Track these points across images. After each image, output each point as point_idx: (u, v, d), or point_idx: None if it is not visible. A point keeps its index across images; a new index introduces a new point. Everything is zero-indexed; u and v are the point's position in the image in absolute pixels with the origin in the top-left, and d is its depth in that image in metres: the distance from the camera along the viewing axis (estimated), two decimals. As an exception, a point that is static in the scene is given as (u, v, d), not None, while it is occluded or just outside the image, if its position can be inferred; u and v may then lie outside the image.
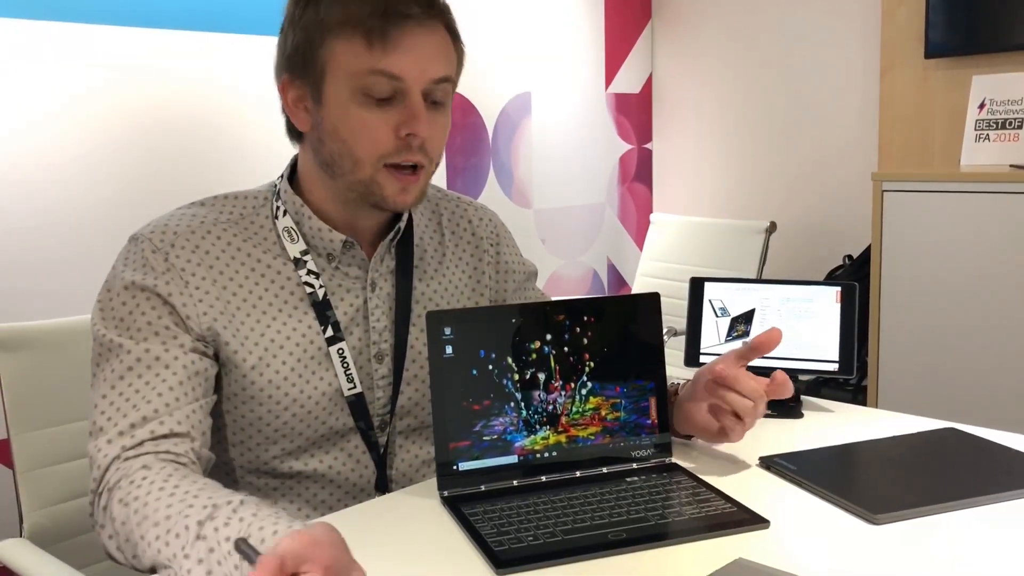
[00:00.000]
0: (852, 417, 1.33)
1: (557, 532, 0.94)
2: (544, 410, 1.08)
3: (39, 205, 2.13)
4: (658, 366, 1.14)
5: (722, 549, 0.90)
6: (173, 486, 0.90)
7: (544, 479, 1.07)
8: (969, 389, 2.52)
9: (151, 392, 1.00)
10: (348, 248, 1.14)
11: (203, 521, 0.83)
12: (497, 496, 1.03)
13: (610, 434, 1.11)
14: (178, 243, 1.08)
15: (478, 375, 1.06)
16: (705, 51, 3.65)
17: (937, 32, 2.95)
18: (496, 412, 1.06)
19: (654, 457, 1.12)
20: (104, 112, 2.22)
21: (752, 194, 3.56)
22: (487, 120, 3.18)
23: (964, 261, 2.51)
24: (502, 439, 1.07)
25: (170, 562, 0.83)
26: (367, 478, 1.16)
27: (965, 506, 0.99)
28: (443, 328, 1.05)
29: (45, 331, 1.38)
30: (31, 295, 2.10)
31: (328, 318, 1.12)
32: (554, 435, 1.09)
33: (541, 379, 1.08)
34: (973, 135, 2.79)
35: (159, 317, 1.03)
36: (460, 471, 1.05)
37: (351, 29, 1.04)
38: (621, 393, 1.11)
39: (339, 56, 1.05)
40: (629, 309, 1.13)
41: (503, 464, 1.07)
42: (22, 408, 1.34)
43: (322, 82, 1.06)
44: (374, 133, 1.06)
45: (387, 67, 1.04)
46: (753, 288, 1.38)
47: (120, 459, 0.96)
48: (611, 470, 1.10)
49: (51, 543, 1.32)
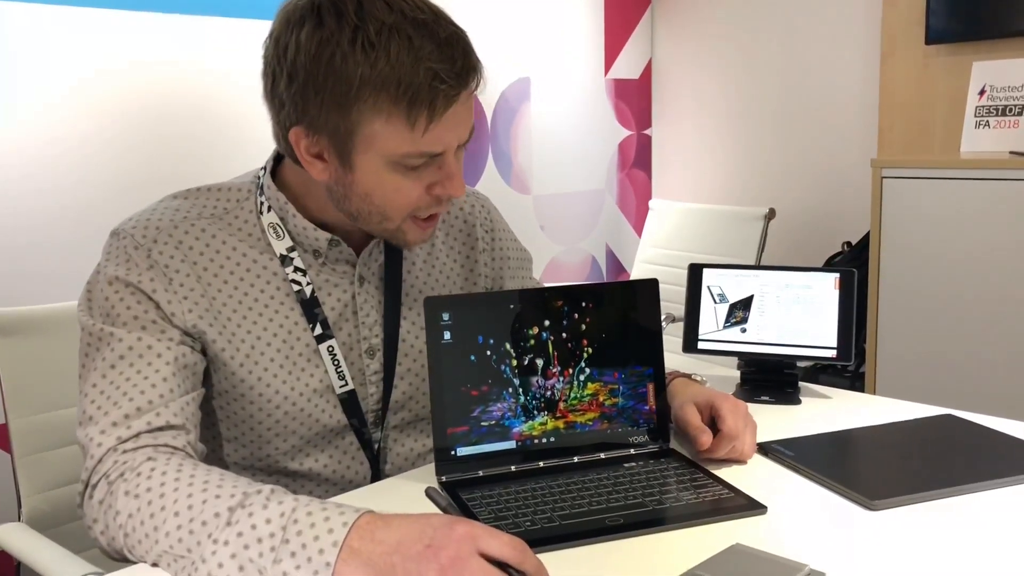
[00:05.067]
0: (850, 403, 1.33)
1: (555, 517, 0.94)
2: (542, 396, 1.08)
3: (38, 188, 2.12)
4: (656, 352, 1.13)
5: (719, 534, 0.90)
6: (190, 475, 0.88)
7: (542, 464, 1.07)
8: (967, 376, 2.52)
9: (144, 382, 0.97)
10: (334, 245, 1.11)
11: (234, 508, 0.82)
12: (495, 481, 1.03)
13: (608, 420, 1.11)
14: (160, 239, 1.05)
15: (476, 361, 1.06)
16: (705, 37, 3.63)
17: (937, 18, 2.94)
18: (494, 398, 1.06)
19: (652, 443, 1.12)
20: (104, 97, 2.21)
21: (751, 180, 3.56)
22: (485, 106, 3.17)
23: (963, 248, 2.51)
24: (500, 424, 1.07)
25: (190, 551, 0.82)
26: (363, 475, 1.16)
27: (962, 492, 0.99)
28: (441, 314, 1.05)
29: (43, 315, 1.38)
30: (29, 279, 2.10)
31: (316, 316, 1.10)
32: (552, 421, 1.09)
33: (539, 365, 1.08)
34: (973, 122, 2.78)
35: (145, 311, 1.01)
36: (458, 456, 1.05)
37: (390, 103, 0.96)
38: (619, 379, 1.11)
39: (375, 134, 0.98)
40: (628, 295, 1.13)
41: (501, 449, 1.07)
42: (20, 393, 1.34)
43: (351, 150, 1.00)
44: (410, 197, 1.03)
45: (430, 149, 1.00)
46: (752, 275, 1.38)
47: (116, 451, 0.93)
48: (609, 456, 1.10)
49: (49, 527, 1.33)
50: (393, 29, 0.95)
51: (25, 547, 1.23)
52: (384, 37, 0.94)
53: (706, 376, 1.27)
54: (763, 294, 1.36)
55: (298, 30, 0.98)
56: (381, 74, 0.95)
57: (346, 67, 0.95)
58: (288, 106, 1.01)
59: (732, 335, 1.36)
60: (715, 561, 0.83)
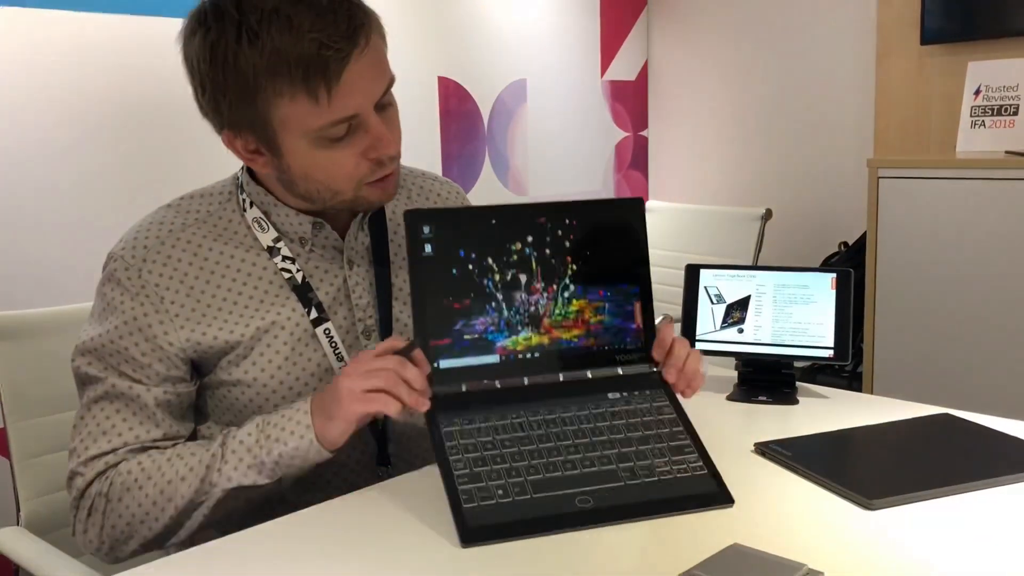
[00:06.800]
0: (847, 403, 1.33)
1: (528, 482, 0.95)
2: (526, 311, 1.06)
3: (34, 192, 2.12)
4: (643, 271, 1.12)
5: (717, 534, 0.90)
6: (177, 454, 1.04)
7: (527, 381, 1.06)
8: (964, 375, 2.53)
9: (123, 425, 1.07)
10: (319, 229, 1.13)
11: (215, 453, 1.01)
12: (476, 408, 1.02)
13: (594, 337, 1.09)
14: (149, 257, 1.08)
15: (458, 275, 1.04)
16: (701, 38, 3.64)
17: (933, 18, 2.95)
18: (477, 312, 1.05)
19: (640, 362, 1.11)
20: (104, 97, 2.21)
21: (748, 181, 3.56)
22: (482, 107, 3.17)
23: (959, 247, 2.51)
24: (483, 339, 1.05)
25: (196, 495, 1.01)
26: (369, 453, 1.16)
27: (960, 491, 0.99)
28: (422, 227, 1.03)
29: (41, 319, 1.37)
30: (27, 283, 2.09)
31: (310, 300, 1.12)
32: (536, 336, 1.07)
33: (523, 280, 1.06)
34: (969, 121, 2.79)
35: (135, 344, 1.06)
36: (441, 369, 1.03)
37: (288, 84, 0.98)
38: (605, 297, 1.10)
39: (286, 116, 1.01)
40: (612, 213, 1.12)
41: (485, 363, 1.05)
42: (18, 396, 1.34)
43: (275, 137, 1.03)
44: (347, 167, 1.05)
45: (341, 115, 1.00)
46: (749, 275, 1.38)
47: (103, 475, 1.05)
48: (596, 374, 1.09)
49: (48, 531, 1.33)
50: (272, 13, 0.97)
51: (24, 551, 1.22)
52: (265, 23, 0.96)
53: (703, 376, 1.27)
54: (760, 294, 1.36)
55: (192, 41, 1.02)
56: (271, 59, 0.97)
57: (239, 63, 0.98)
58: (211, 114, 1.05)
59: (729, 335, 1.36)
60: (713, 561, 0.83)
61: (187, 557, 0.92)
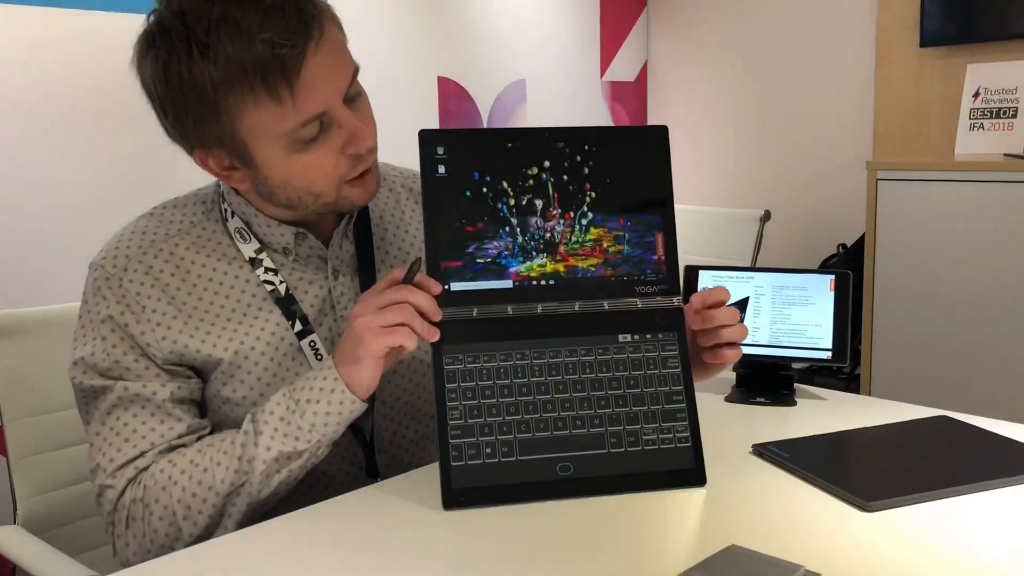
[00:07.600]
0: (845, 405, 1.33)
1: (516, 441, 0.97)
2: (541, 237, 1.03)
3: (34, 191, 2.12)
4: (666, 202, 1.07)
5: (715, 534, 0.90)
6: (208, 443, 1.03)
7: (540, 309, 1.03)
8: (962, 377, 2.53)
9: (144, 427, 1.04)
10: (302, 239, 1.11)
11: (248, 431, 1.00)
12: (482, 341, 1.00)
13: (612, 267, 1.05)
14: (130, 267, 1.06)
15: (471, 197, 1.01)
16: (701, 40, 3.64)
17: (932, 21, 2.95)
18: (490, 235, 1.02)
19: (660, 295, 1.06)
20: (102, 97, 2.21)
21: (747, 182, 3.57)
22: (481, 107, 3.17)
23: (958, 250, 2.51)
24: (496, 263, 1.02)
25: (236, 477, 0.99)
26: (358, 464, 1.16)
27: (957, 493, 0.99)
28: (436, 147, 1.01)
29: (37, 317, 1.38)
30: (23, 281, 2.09)
31: (294, 312, 1.10)
32: (552, 263, 1.03)
33: (538, 206, 1.03)
34: (967, 124, 2.79)
35: (124, 353, 1.05)
36: (452, 291, 1.01)
37: (248, 91, 0.94)
38: (624, 226, 1.05)
39: (253, 125, 0.98)
40: (636, 140, 1.07)
41: (497, 288, 1.02)
42: (15, 395, 1.34)
43: (247, 150, 1.00)
44: (326, 167, 1.02)
45: (309, 113, 0.97)
46: (747, 276, 1.38)
47: (135, 481, 1.03)
48: (613, 306, 1.04)
49: (45, 530, 1.33)
50: (220, 20, 0.93)
51: (21, 550, 1.22)
52: (215, 32, 0.93)
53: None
54: (758, 296, 1.36)
55: (144, 64, 0.99)
56: (226, 68, 0.93)
57: (195, 78, 0.94)
58: (177, 137, 1.03)
59: (728, 337, 1.36)
60: (711, 562, 0.83)
61: (188, 556, 0.92)
